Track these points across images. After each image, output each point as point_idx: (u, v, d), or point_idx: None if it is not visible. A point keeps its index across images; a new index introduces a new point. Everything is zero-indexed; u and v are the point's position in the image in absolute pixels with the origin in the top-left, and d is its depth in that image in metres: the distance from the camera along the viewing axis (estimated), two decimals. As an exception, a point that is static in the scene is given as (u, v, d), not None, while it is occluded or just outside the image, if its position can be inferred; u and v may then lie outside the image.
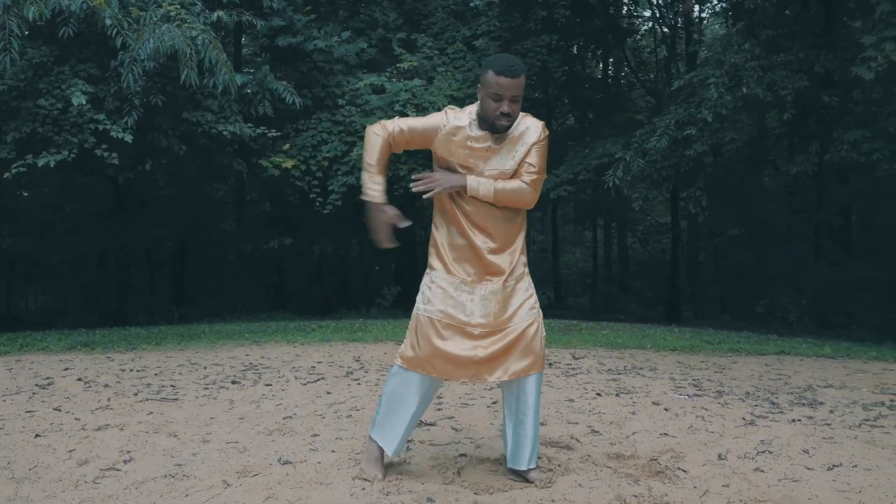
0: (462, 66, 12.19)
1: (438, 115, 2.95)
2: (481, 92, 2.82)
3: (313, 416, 4.18)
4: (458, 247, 2.92)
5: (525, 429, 2.95)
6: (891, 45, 5.94)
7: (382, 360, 6.40)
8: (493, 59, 2.84)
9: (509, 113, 2.76)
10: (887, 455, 3.43)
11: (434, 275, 2.94)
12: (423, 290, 2.95)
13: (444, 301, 2.88)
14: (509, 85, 2.73)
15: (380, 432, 2.99)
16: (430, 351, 2.86)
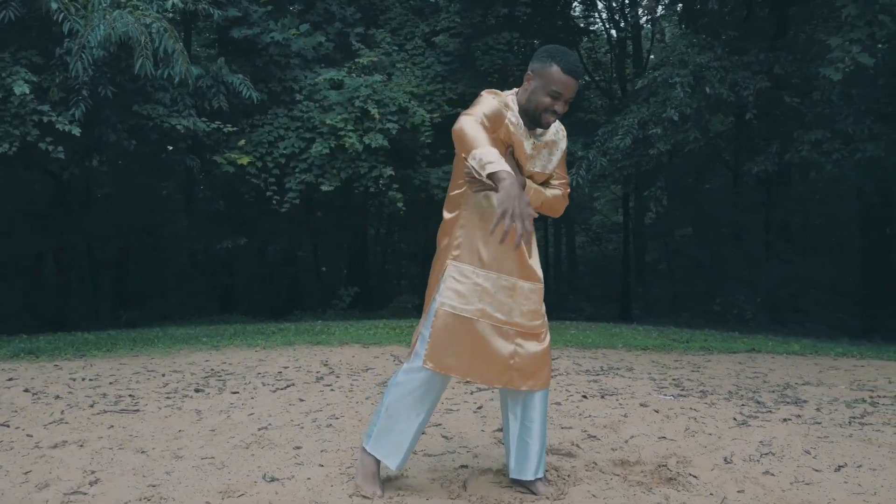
0: (421, 63, 11.98)
1: (494, 101, 2.62)
2: (534, 83, 2.61)
3: (291, 427, 3.92)
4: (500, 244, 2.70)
5: (532, 436, 2.77)
6: (857, 47, 6.03)
7: (352, 364, 6.14)
8: (557, 53, 2.59)
9: (560, 113, 2.61)
10: (887, 454, 3.39)
11: (466, 269, 2.64)
12: (453, 286, 2.63)
13: (481, 298, 2.63)
14: (573, 86, 2.58)
15: (379, 445, 2.75)
16: (470, 353, 2.62)
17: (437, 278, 2.71)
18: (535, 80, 2.61)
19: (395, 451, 2.73)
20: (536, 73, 2.61)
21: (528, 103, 2.63)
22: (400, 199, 10.57)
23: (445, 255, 2.70)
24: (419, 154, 11.34)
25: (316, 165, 10.48)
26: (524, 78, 2.68)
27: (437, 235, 2.81)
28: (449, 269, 2.65)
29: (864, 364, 6.16)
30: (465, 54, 11.90)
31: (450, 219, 2.74)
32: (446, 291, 2.63)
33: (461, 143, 2.43)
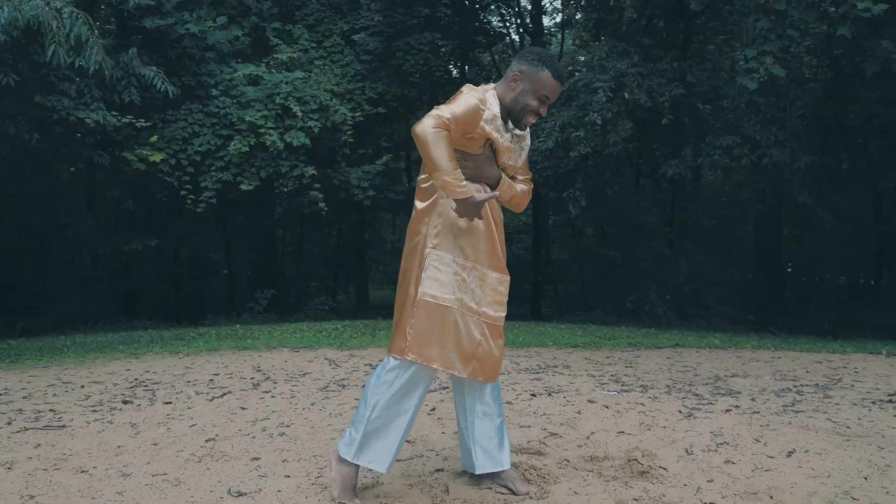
0: (340, 61, 11.76)
1: (472, 98, 2.60)
2: (522, 84, 2.63)
3: (241, 437, 3.73)
4: (476, 231, 2.66)
5: (499, 424, 2.81)
6: (770, 59, 6.44)
7: (286, 369, 5.94)
8: (547, 58, 2.64)
9: (542, 116, 2.67)
10: (826, 439, 3.60)
11: (446, 257, 2.61)
12: (433, 275, 2.59)
13: (459, 286, 2.61)
14: (559, 91, 2.66)
15: (365, 452, 2.65)
16: (448, 342, 2.59)
17: (414, 269, 2.64)
18: (524, 82, 2.62)
19: (383, 455, 2.66)
20: (526, 75, 2.62)
21: (513, 103, 2.64)
22: (321, 199, 10.33)
23: (424, 243, 2.64)
24: (339, 153, 11.13)
25: (234, 164, 10.06)
26: (510, 77, 2.67)
27: (410, 225, 2.73)
28: (429, 257, 2.61)
29: (781, 356, 6.56)
30: (385, 54, 11.79)
31: (424, 208, 2.68)
32: (427, 281, 2.59)
33: (424, 156, 2.49)
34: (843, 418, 4.03)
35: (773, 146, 8.72)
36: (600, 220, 14.04)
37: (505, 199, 2.76)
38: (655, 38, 10.94)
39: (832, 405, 4.39)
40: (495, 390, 2.83)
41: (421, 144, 2.47)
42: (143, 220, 11.83)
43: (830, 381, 5.17)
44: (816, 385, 5.06)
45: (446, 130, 2.48)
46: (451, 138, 2.52)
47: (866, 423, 3.91)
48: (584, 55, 15.12)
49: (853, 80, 10.07)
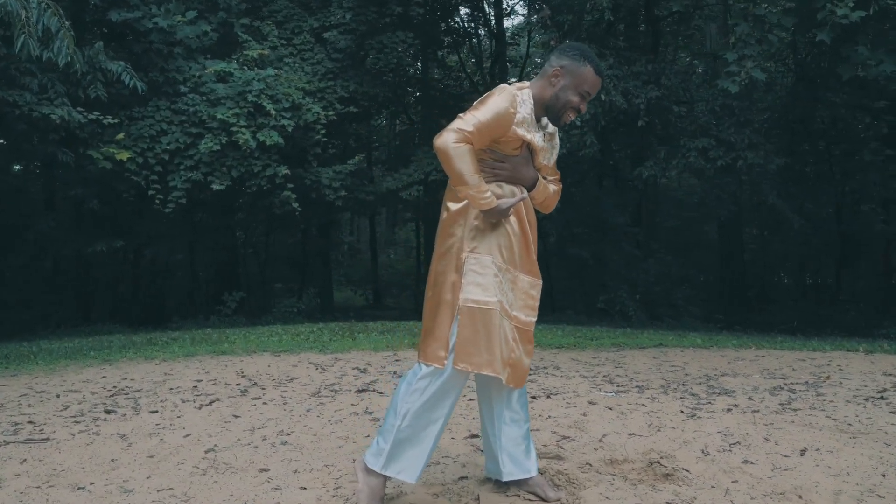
0: (311, 59, 11.55)
1: (502, 102, 2.51)
2: (563, 80, 2.56)
3: (242, 447, 3.58)
4: (512, 233, 2.59)
5: (526, 431, 2.74)
6: (751, 62, 6.54)
7: (272, 374, 5.77)
8: (588, 53, 2.58)
9: (582, 112, 2.62)
10: (833, 436, 3.63)
11: (485, 260, 2.53)
12: (474, 280, 2.50)
13: (499, 289, 2.53)
14: (599, 86, 2.62)
15: (395, 463, 2.55)
16: (498, 346, 2.50)
17: (450, 273, 2.55)
18: (566, 78, 2.56)
19: (413, 465, 2.56)
20: (568, 70, 2.56)
21: (554, 100, 2.58)
22: (294, 199, 10.11)
23: (460, 247, 2.55)
24: (311, 153, 10.92)
25: (204, 163, 9.76)
26: (549, 73, 2.59)
27: (442, 228, 2.63)
28: (468, 262, 2.52)
29: (764, 354, 6.66)
30: (357, 52, 11.63)
31: (458, 209, 2.58)
32: (468, 286, 2.50)
33: (446, 170, 2.46)
34: (842, 416, 4.08)
35: (746, 149, 8.89)
36: (570, 220, 14.14)
37: (538, 200, 2.72)
38: (628, 41, 11.06)
39: (827, 403, 4.45)
40: (522, 396, 2.77)
41: (442, 159, 2.45)
42: (109, 221, 11.38)
43: (819, 379, 5.26)
44: (807, 383, 5.13)
45: (468, 144, 2.43)
46: (478, 146, 2.48)
47: (865, 420, 3.97)
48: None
49: (819, 85, 10.35)
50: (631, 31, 12.36)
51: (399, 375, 5.61)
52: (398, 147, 16.93)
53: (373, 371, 5.87)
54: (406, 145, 15.69)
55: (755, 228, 15.40)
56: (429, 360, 2.54)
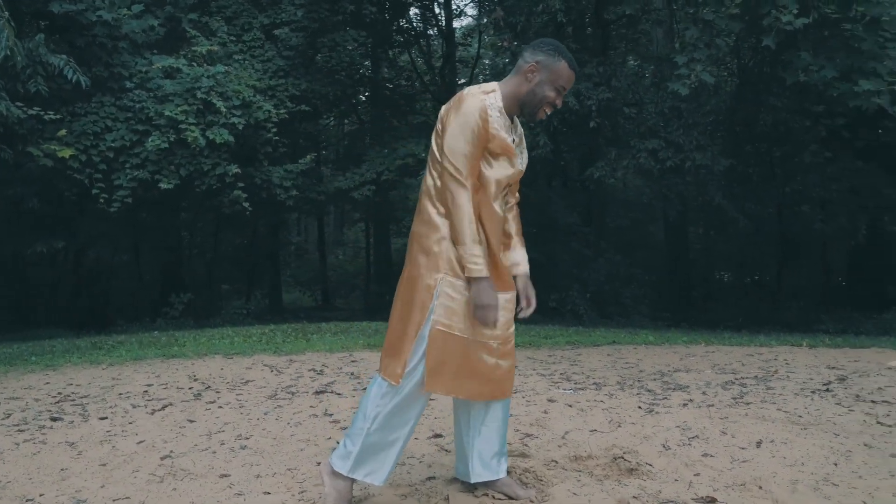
0: (261, 56, 11.33)
1: (475, 111, 2.45)
2: (539, 75, 2.53)
3: (200, 453, 3.48)
4: (493, 238, 2.54)
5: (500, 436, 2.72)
6: (700, 66, 6.72)
7: (225, 377, 5.63)
8: (562, 49, 2.56)
9: (557, 107, 2.63)
10: (785, 428, 3.74)
11: (458, 284, 2.46)
12: (447, 303, 2.45)
13: (470, 315, 2.47)
14: (573, 81, 2.61)
15: (361, 467, 2.53)
16: (463, 372, 2.48)
17: (420, 291, 2.48)
18: (542, 73, 2.53)
19: (381, 468, 2.54)
20: (543, 65, 2.53)
21: (530, 95, 2.54)
22: (245, 198, 9.90)
23: (434, 266, 2.48)
24: (261, 152, 10.72)
25: (151, 161, 9.46)
26: (525, 68, 2.55)
27: (418, 241, 2.54)
28: (441, 284, 2.46)
29: (714, 350, 6.84)
30: (309, 50, 11.47)
31: (440, 218, 2.50)
32: (439, 309, 2.45)
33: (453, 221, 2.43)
34: (792, 408, 4.21)
35: (694, 150, 9.13)
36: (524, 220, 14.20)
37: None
38: (578, 43, 11.23)
39: (777, 396, 4.59)
40: (507, 405, 2.73)
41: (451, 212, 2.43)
42: (50, 221, 10.92)
43: (767, 373, 5.42)
44: (756, 377, 5.29)
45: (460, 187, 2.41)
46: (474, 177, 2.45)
47: (814, 412, 4.10)
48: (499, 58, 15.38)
49: (761, 90, 10.72)
50: (580, 34, 12.56)
51: (357, 377, 5.56)
52: (349, 147, 16.80)
53: (329, 372, 5.79)
54: (357, 145, 15.56)
55: (701, 228, 15.85)
56: (386, 376, 2.52)
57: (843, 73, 6.54)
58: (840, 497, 2.71)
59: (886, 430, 3.65)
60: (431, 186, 2.55)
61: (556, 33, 10.75)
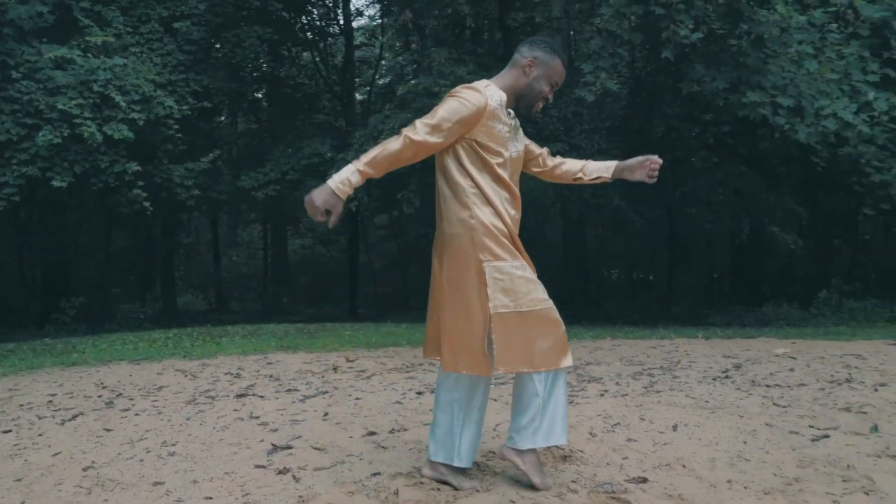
0: (160, 49, 10.84)
1: (474, 96, 2.59)
2: (536, 70, 2.70)
3: (125, 461, 3.36)
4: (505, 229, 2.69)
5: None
6: (605, 74, 7.08)
7: (136, 383, 5.41)
8: (556, 46, 2.74)
9: (549, 102, 2.80)
10: (695, 412, 4.03)
11: (502, 266, 2.61)
12: (499, 287, 2.58)
13: (533, 289, 2.64)
14: (564, 78, 2.78)
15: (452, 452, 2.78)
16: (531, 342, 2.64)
17: (476, 280, 2.61)
18: (539, 68, 2.71)
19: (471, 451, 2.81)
20: (541, 61, 2.71)
21: (528, 89, 2.71)
22: (145, 197, 9.45)
23: (476, 258, 2.62)
24: (161, 149, 10.27)
25: (42, 157, 8.85)
26: (523, 63, 2.71)
27: (450, 231, 2.68)
28: (487, 272, 2.60)
29: (619, 343, 7.21)
30: (212, 45, 11.09)
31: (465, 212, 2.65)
32: (494, 294, 2.59)
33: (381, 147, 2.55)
34: (699, 394, 4.54)
35: (596, 153, 9.58)
36: (428, 220, 14.38)
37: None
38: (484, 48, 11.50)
39: (683, 384, 4.92)
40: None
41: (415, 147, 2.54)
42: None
43: (672, 364, 5.79)
44: (662, 367, 5.63)
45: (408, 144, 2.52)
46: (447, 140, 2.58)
47: (718, 397, 4.44)
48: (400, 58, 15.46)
49: (655, 98, 11.39)
50: (484, 38, 12.84)
51: (276, 379, 5.48)
52: (252, 146, 16.36)
53: (247, 375, 5.67)
54: (261, 143, 15.18)
55: (599, 228, 16.59)
56: (469, 371, 2.67)
57: (732, 84, 7.09)
58: (753, 471, 2.97)
59: (782, 410, 4.02)
60: (449, 192, 2.71)
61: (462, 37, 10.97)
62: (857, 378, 4.91)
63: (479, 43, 12.03)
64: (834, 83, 7.38)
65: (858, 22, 7.59)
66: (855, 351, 6.23)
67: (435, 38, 10.52)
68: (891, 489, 2.76)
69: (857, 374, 5.05)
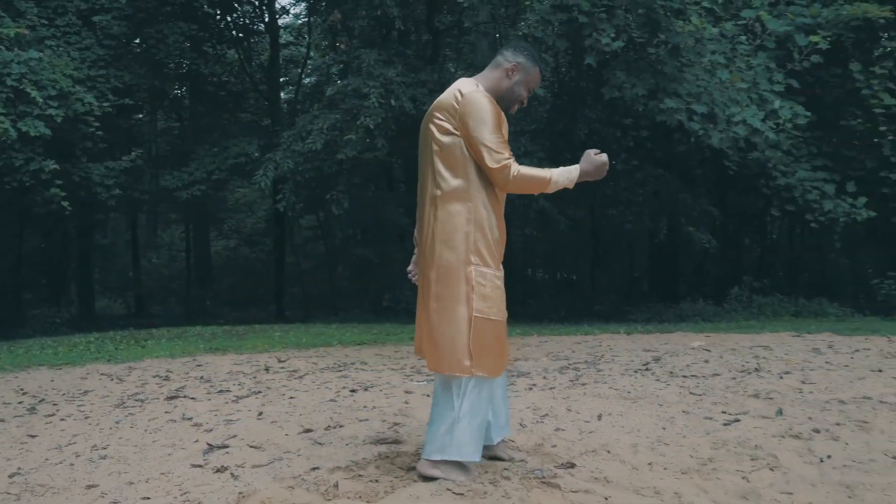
0: (78, 44, 10.42)
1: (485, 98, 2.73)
2: (516, 76, 2.85)
3: (55, 466, 3.30)
4: (500, 236, 2.84)
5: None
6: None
7: (59, 388, 5.25)
8: (536, 55, 2.91)
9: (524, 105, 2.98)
10: (618, 402, 4.26)
11: (487, 273, 2.74)
12: (481, 292, 2.71)
13: (502, 300, 2.80)
14: (539, 85, 2.95)
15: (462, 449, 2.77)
16: (504, 353, 2.83)
17: (463, 285, 2.71)
18: (521, 73, 2.85)
19: (478, 446, 2.81)
20: (523, 67, 2.85)
21: (509, 92, 2.86)
22: (63, 197, 9.08)
23: (465, 260, 2.72)
24: (79, 147, 9.88)
25: (-51, 154, 8.40)
26: (507, 66, 2.85)
27: (444, 238, 2.75)
28: (474, 275, 2.71)
29: (546, 340, 7.45)
30: (133, 40, 10.73)
31: (460, 213, 2.74)
32: (477, 300, 2.70)
33: (532, 188, 2.79)
34: (621, 386, 4.78)
35: (522, 156, 9.84)
36: (355, 221, 14.40)
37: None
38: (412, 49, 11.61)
39: (607, 376, 5.17)
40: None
41: (518, 190, 2.76)
42: None
43: (596, 358, 6.06)
44: (586, 362, 5.89)
45: (510, 163, 2.68)
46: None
47: (639, 388, 4.70)
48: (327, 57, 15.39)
49: (578, 102, 11.79)
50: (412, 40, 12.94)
51: (208, 381, 5.42)
52: (176, 144, 15.91)
53: (177, 378, 5.59)
54: (184, 142, 14.79)
55: (525, 228, 16.94)
56: (455, 372, 2.72)
57: (650, 91, 7.46)
58: (672, 454, 3.19)
59: (698, 398, 4.29)
60: (437, 192, 2.78)
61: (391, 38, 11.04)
62: (765, 367, 5.29)
63: (407, 44, 12.14)
64: (743, 92, 7.87)
65: (765, 35, 8.11)
66: (763, 343, 6.67)
67: (363, 39, 10.56)
68: (792, 465, 3.01)
69: (765, 364, 5.43)
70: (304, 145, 9.72)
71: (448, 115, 2.74)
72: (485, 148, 2.66)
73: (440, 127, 2.76)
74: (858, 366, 5.26)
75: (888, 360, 5.50)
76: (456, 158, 2.74)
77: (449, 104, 2.76)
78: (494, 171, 2.68)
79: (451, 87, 2.84)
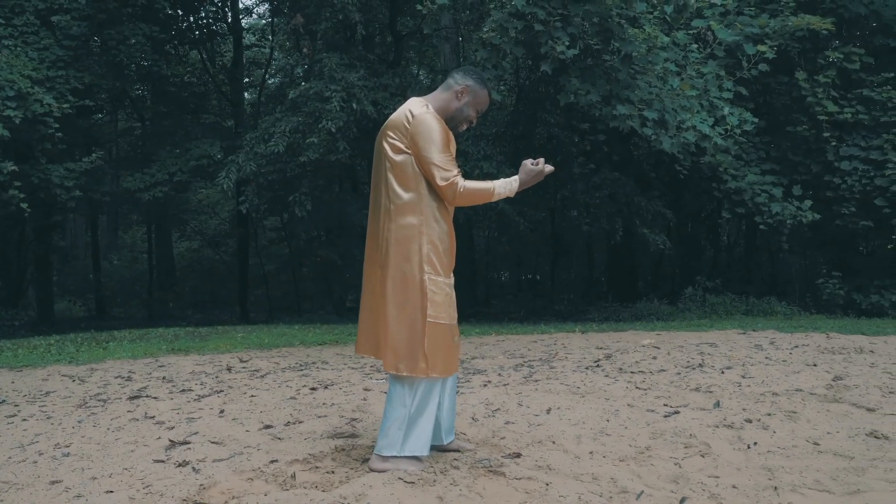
0: (36, 44, 10.31)
1: (434, 119, 2.90)
2: (465, 98, 3.02)
3: (18, 464, 3.38)
4: (450, 246, 3.02)
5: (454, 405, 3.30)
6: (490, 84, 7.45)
7: (20, 389, 5.28)
8: (484, 79, 3.08)
9: (472, 125, 3.16)
10: (568, 397, 4.47)
11: (439, 281, 2.93)
12: (434, 299, 2.90)
13: (451, 305, 2.96)
14: (488, 105, 3.13)
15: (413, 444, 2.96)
16: (455, 354, 3.00)
17: (417, 292, 2.90)
18: (469, 96, 3.03)
19: (426, 441, 2.99)
20: (472, 90, 3.04)
21: (458, 112, 3.04)
22: (23, 198, 8.99)
23: (419, 269, 2.91)
24: (38, 148, 9.79)
25: None
26: (457, 88, 3.02)
27: (397, 247, 2.92)
28: (427, 284, 2.90)
29: (503, 339, 7.66)
30: (93, 40, 10.64)
31: (413, 226, 2.92)
32: (430, 307, 2.89)
33: (477, 200, 2.98)
34: (572, 382, 5.00)
35: (482, 159, 10.06)
36: (319, 223, 14.45)
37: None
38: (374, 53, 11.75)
39: (559, 373, 5.39)
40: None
41: (470, 197, 2.92)
42: None
43: (550, 356, 6.28)
44: (541, 359, 6.11)
45: (460, 180, 2.89)
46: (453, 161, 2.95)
47: (589, 384, 4.92)
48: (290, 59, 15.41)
49: (538, 107, 12.06)
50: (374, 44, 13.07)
51: (170, 381, 5.50)
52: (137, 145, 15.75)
53: (139, 378, 5.66)
54: (146, 143, 14.68)
55: (485, 230, 17.19)
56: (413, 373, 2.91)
57: (604, 97, 7.72)
58: (612, 444, 3.40)
59: (643, 393, 4.53)
60: (391, 206, 2.96)
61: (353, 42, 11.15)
62: (709, 363, 5.57)
63: (369, 48, 12.27)
64: (694, 99, 8.18)
65: (715, 44, 8.44)
66: (710, 340, 6.98)
67: (326, 42, 10.65)
68: (722, 451, 3.25)
69: (709, 360, 5.71)
70: (266, 147, 9.79)
71: (400, 135, 2.93)
72: (434, 166, 2.87)
73: (393, 146, 2.95)
74: (795, 361, 5.56)
75: (824, 356, 5.82)
76: (408, 175, 2.93)
77: (401, 124, 2.94)
78: (443, 188, 2.88)
79: (402, 107, 3.03)
